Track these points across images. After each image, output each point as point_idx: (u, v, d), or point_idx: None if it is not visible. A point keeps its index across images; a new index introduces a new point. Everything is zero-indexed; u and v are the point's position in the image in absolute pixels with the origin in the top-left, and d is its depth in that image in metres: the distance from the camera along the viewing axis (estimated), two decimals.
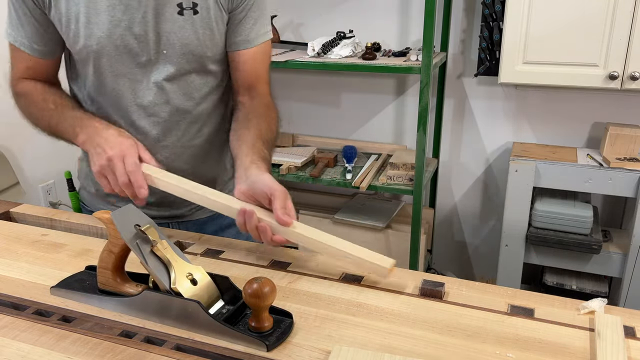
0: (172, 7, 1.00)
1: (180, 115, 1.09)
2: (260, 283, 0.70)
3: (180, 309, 0.74)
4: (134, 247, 0.76)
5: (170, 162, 1.10)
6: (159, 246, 0.77)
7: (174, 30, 1.01)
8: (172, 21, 1.01)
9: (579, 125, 2.19)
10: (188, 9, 1.01)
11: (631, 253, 1.94)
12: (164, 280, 0.75)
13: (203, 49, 1.05)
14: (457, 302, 0.82)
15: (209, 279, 0.78)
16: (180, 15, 1.01)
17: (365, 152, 2.41)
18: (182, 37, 1.02)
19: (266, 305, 0.71)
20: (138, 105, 1.06)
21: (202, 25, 1.03)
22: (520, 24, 1.87)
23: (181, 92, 1.07)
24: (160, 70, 1.04)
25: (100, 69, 1.03)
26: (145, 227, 0.77)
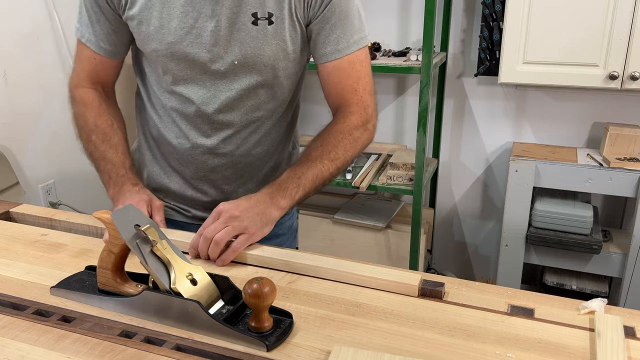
0: (247, 17, 0.97)
1: (244, 126, 1.08)
2: (260, 283, 0.69)
3: (180, 309, 0.74)
4: (134, 247, 0.76)
5: (223, 170, 1.12)
6: (159, 246, 0.77)
7: (247, 40, 0.99)
8: (245, 31, 0.98)
9: (579, 125, 2.19)
10: (263, 19, 0.98)
11: (631, 253, 1.94)
12: (164, 280, 0.75)
13: (275, 61, 1.02)
14: (457, 302, 0.82)
15: (209, 279, 0.78)
16: (254, 25, 0.98)
17: (365, 152, 2.41)
18: (254, 48, 0.99)
19: (266, 306, 0.71)
20: (202, 111, 1.05)
21: (276, 37, 1.00)
22: (520, 24, 1.87)
23: (248, 103, 1.05)
24: (230, 80, 1.02)
25: (169, 72, 1.03)
26: (145, 227, 0.77)
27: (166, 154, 1.14)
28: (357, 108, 1.07)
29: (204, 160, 1.10)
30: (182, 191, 1.16)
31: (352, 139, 1.05)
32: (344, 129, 1.05)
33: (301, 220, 2.36)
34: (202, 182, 1.14)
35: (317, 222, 2.34)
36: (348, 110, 1.07)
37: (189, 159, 1.11)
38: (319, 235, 2.35)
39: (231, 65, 1.01)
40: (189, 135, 1.08)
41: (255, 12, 0.97)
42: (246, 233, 0.92)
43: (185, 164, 1.12)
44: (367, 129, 1.08)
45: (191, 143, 1.08)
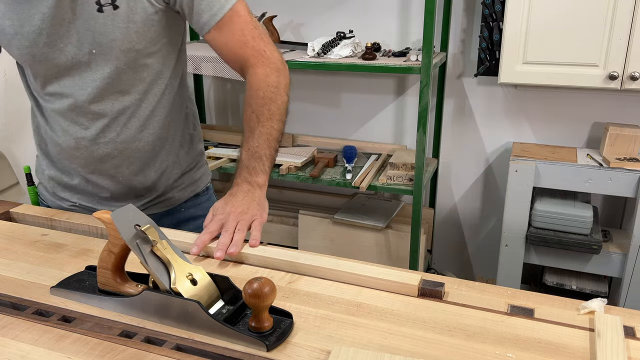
0: (90, 6, 0.98)
1: (119, 112, 1.08)
2: (260, 283, 0.70)
3: (180, 309, 0.74)
4: (134, 247, 0.76)
5: (111, 159, 1.11)
6: (159, 246, 0.77)
7: (96, 28, 1.00)
8: (92, 20, 0.99)
9: (579, 125, 2.19)
10: (107, 5, 0.98)
11: (631, 253, 1.94)
12: (164, 280, 0.75)
13: (131, 44, 1.02)
14: (457, 302, 0.82)
15: (209, 279, 0.78)
16: (100, 12, 0.99)
17: (365, 152, 2.41)
18: (104, 34, 1.00)
19: (266, 306, 0.71)
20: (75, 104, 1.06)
21: (125, 19, 1.00)
22: (520, 24, 1.87)
23: (116, 89, 1.06)
24: (94, 70, 1.03)
25: (38, 74, 1.05)
26: (145, 227, 0.77)
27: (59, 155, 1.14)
28: (256, 59, 1.07)
29: (90, 152, 1.11)
30: (83, 187, 1.17)
31: (273, 88, 1.06)
32: (259, 85, 1.05)
33: (301, 220, 2.36)
34: (96, 176, 1.14)
35: (317, 222, 2.34)
36: (249, 64, 1.07)
37: (77, 154, 1.11)
38: (319, 235, 2.35)
39: (90, 55, 1.02)
40: (69, 131, 1.09)
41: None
42: (256, 221, 0.99)
43: (76, 160, 1.12)
44: (277, 69, 1.08)
45: (73, 138, 1.09)
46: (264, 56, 1.07)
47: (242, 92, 2.61)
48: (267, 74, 1.07)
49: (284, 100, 1.08)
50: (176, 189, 1.23)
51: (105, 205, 1.17)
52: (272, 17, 2.28)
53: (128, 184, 1.16)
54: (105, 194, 1.17)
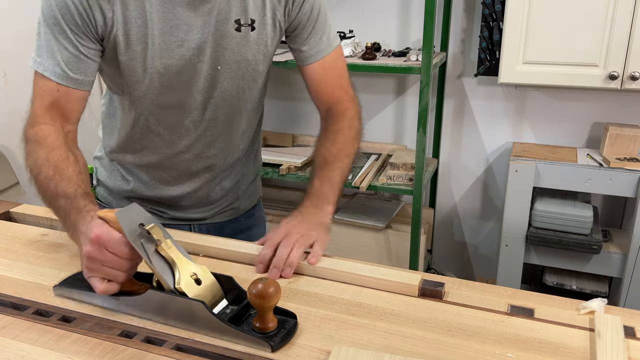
0: (230, 24, 0.98)
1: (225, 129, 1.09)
2: (265, 284, 0.69)
3: (184, 308, 0.74)
4: (139, 247, 0.75)
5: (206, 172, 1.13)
6: (163, 245, 0.76)
7: (231, 46, 1.00)
8: (229, 37, 0.99)
9: (579, 125, 2.19)
10: (246, 25, 1.00)
11: (631, 253, 1.94)
12: (169, 279, 0.75)
13: (255, 65, 1.04)
14: (457, 302, 0.82)
15: (213, 279, 0.78)
16: (237, 31, 0.99)
17: (365, 152, 2.41)
18: (237, 53, 1.01)
19: (271, 306, 0.71)
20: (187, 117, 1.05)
21: (258, 42, 1.02)
22: (520, 24, 1.87)
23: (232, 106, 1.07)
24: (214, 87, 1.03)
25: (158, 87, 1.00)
26: (150, 226, 0.76)
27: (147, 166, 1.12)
28: (350, 103, 1.14)
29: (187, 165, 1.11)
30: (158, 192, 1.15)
31: (355, 132, 1.12)
32: (347, 125, 1.11)
33: None
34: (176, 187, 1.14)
35: None
36: (342, 106, 1.13)
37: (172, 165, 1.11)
38: None
39: (215, 71, 1.01)
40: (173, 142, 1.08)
41: (239, 18, 0.99)
42: (319, 241, 0.96)
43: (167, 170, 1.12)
44: (360, 117, 1.15)
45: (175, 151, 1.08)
46: (355, 102, 1.16)
47: None
48: (354, 118, 1.14)
49: (359, 145, 1.14)
50: (242, 199, 1.23)
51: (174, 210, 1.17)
52: None
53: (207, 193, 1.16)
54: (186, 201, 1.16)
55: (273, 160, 2.22)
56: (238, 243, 0.98)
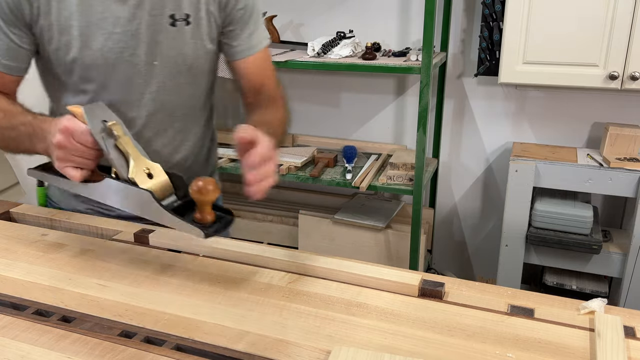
0: (165, 19, 1.01)
1: (167, 123, 1.11)
2: (205, 180, 0.79)
3: (136, 197, 0.84)
4: (100, 139, 0.84)
5: None
6: (122, 140, 0.85)
7: (166, 41, 1.02)
8: (164, 32, 1.01)
9: (579, 125, 2.19)
10: (180, 20, 1.02)
11: (631, 253, 1.94)
12: (123, 171, 0.85)
13: (193, 59, 1.06)
14: (457, 302, 0.82)
15: (165, 176, 0.87)
16: (172, 26, 1.02)
17: (365, 152, 2.41)
18: (173, 48, 1.03)
19: (208, 201, 0.80)
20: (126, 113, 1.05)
21: (194, 36, 1.04)
22: (520, 23, 1.87)
23: (169, 100, 1.08)
24: (151, 81, 1.04)
25: (90, 80, 1.02)
26: (111, 122, 0.85)
27: None
28: (279, 91, 1.19)
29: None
30: None
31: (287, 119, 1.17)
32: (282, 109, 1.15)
33: (301, 220, 2.36)
34: None
35: (317, 222, 2.34)
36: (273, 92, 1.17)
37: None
38: (319, 235, 2.35)
39: (152, 67, 1.03)
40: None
41: (173, 14, 1.01)
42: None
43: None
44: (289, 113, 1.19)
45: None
46: (286, 99, 1.20)
47: None
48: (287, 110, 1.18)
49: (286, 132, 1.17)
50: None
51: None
52: (272, 17, 2.28)
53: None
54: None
55: None
56: (238, 243, 0.98)
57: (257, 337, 0.73)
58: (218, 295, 0.83)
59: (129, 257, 0.95)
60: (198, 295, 0.83)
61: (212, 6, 1.05)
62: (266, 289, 0.85)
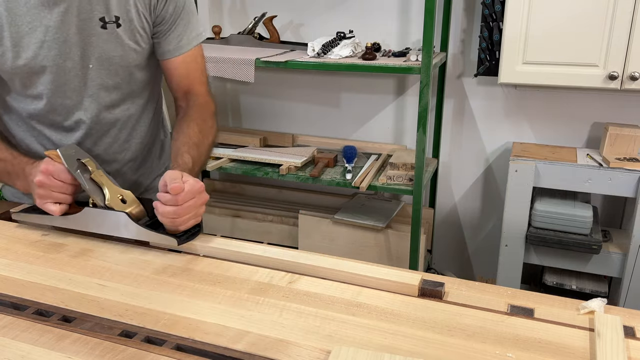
0: (95, 22, 1.02)
1: (110, 123, 1.13)
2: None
3: (114, 220, 0.97)
4: (77, 175, 0.97)
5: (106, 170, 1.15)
6: (95, 174, 0.99)
7: (99, 44, 1.04)
8: (96, 35, 1.03)
9: (579, 125, 2.19)
10: (111, 22, 1.03)
11: (631, 253, 1.94)
12: (100, 199, 0.98)
13: (128, 60, 1.08)
14: (457, 302, 0.82)
15: (136, 200, 1.00)
16: (103, 29, 1.03)
17: (365, 152, 2.41)
18: (107, 50, 1.05)
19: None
20: (68, 117, 1.09)
21: (126, 37, 1.06)
22: (520, 24, 1.87)
23: (109, 101, 1.11)
24: (88, 84, 1.07)
25: (30, 86, 1.04)
26: (85, 160, 0.99)
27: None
28: (209, 98, 1.21)
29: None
30: None
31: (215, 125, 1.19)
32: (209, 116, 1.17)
33: (301, 220, 2.36)
34: None
35: (317, 222, 2.34)
36: (204, 99, 1.19)
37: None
38: (319, 235, 2.35)
39: (88, 70, 1.05)
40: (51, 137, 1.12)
41: (103, 16, 1.02)
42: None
43: None
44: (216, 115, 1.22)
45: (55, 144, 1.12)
46: (214, 100, 1.22)
47: (242, 93, 2.62)
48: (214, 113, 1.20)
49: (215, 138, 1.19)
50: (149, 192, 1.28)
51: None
52: (272, 17, 2.28)
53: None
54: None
55: (273, 161, 2.22)
56: (238, 243, 0.98)
57: (257, 337, 0.73)
58: (218, 295, 0.83)
59: (129, 257, 0.95)
60: (198, 295, 0.83)
61: (141, 6, 1.07)
62: (266, 289, 0.85)
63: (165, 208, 0.92)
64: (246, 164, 2.28)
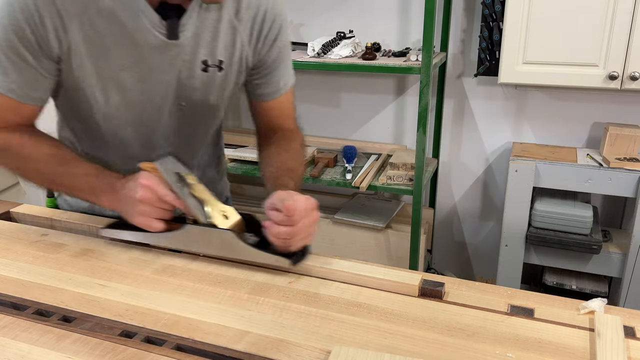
0: (197, 64, 0.98)
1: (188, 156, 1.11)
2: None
3: (219, 238, 0.90)
4: (178, 189, 0.90)
5: None
6: (196, 188, 0.92)
7: (196, 86, 1.00)
8: (195, 78, 0.99)
9: (579, 125, 2.19)
10: (213, 66, 1.00)
11: (631, 253, 1.94)
12: (202, 215, 0.90)
13: (219, 102, 1.06)
14: (457, 302, 0.82)
15: (238, 216, 0.94)
16: (204, 72, 1.00)
17: (365, 152, 2.41)
18: (202, 93, 1.02)
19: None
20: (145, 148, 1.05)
21: (223, 82, 1.03)
22: (520, 23, 1.87)
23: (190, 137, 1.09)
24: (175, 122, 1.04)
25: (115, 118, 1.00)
26: (185, 173, 0.93)
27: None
28: (298, 130, 1.18)
29: None
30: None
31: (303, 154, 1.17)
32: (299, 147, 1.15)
33: None
34: None
35: None
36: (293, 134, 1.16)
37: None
38: (319, 235, 2.35)
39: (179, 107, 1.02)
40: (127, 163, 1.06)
41: (206, 59, 0.99)
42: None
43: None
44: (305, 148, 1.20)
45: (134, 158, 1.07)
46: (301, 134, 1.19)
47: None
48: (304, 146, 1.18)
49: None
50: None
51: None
52: None
53: None
54: None
55: None
56: None
57: (257, 337, 0.73)
58: (218, 295, 0.83)
59: (129, 257, 0.95)
60: (198, 295, 0.83)
61: (245, 51, 1.03)
62: (266, 289, 0.85)
63: (279, 229, 0.86)
64: (246, 164, 2.28)
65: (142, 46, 0.93)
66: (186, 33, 0.94)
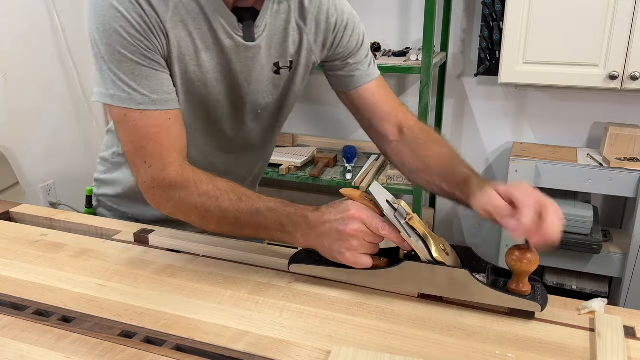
0: (269, 66, 0.99)
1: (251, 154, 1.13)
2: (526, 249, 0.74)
3: (446, 277, 0.78)
4: (394, 220, 0.78)
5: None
6: (414, 219, 0.78)
7: (269, 89, 1.01)
8: (267, 80, 1.00)
9: (579, 125, 2.19)
10: (285, 68, 1.00)
11: (631, 253, 1.94)
12: (425, 251, 0.79)
13: (286, 102, 1.07)
14: (457, 302, 0.82)
15: (454, 251, 0.83)
16: (276, 74, 1.00)
17: (365, 152, 2.41)
18: (273, 95, 1.03)
19: (530, 270, 0.74)
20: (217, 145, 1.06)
21: (289, 81, 1.04)
22: (520, 23, 1.87)
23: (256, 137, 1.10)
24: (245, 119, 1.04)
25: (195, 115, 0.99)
26: (398, 201, 0.81)
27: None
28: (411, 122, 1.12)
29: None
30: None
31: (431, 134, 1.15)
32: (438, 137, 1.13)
33: None
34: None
35: None
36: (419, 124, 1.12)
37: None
38: None
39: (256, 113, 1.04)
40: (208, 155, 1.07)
41: (278, 62, 0.99)
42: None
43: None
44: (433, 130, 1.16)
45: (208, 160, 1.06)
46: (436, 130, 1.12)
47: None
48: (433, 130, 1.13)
49: None
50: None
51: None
52: None
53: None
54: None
55: (273, 160, 2.22)
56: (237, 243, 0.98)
57: (257, 337, 0.73)
58: (218, 295, 0.83)
59: (129, 257, 0.95)
60: (198, 295, 0.83)
61: (313, 51, 1.03)
62: (266, 289, 0.85)
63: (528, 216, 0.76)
64: None
65: (225, 48, 0.92)
66: (261, 35, 0.94)
